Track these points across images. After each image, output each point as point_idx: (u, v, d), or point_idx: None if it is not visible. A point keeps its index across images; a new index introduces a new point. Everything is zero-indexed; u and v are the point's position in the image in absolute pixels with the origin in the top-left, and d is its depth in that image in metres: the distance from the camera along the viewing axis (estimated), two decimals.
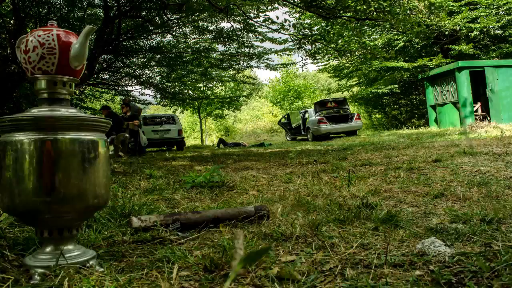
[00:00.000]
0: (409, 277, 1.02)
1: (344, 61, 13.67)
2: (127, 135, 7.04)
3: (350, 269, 1.09)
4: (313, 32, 7.91)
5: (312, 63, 13.27)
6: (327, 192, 2.43)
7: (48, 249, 1.10)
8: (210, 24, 10.64)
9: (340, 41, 7.90)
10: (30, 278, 1.03)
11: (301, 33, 7.97)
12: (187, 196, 2.47)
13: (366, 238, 1.36)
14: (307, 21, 11.14)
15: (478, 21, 11.52)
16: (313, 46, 8.37)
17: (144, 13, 10.14)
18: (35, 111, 1.10)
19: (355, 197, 2.30)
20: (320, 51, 8.87)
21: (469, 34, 11.44)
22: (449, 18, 10.24)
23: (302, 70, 15.03)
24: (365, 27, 7.25)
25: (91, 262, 1.10)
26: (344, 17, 6.43)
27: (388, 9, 5.71)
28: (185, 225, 1.61)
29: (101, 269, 1.08)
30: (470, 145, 5.07)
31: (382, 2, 5.85)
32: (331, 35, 7.76)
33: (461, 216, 1.70)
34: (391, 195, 2.38)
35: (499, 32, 12.28)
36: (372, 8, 6.00)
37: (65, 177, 1.05)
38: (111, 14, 9.56)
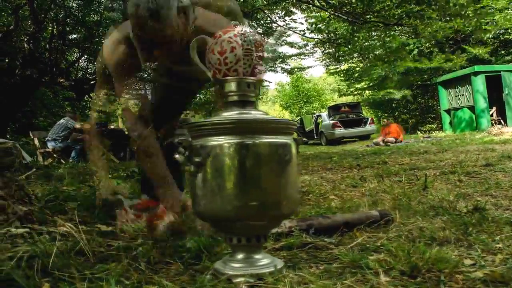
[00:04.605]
0: None
1: (355, 65, 13.68)
2: None
3: None
4: (337, 36, 7.94)
5: (335, 67, 13.24)
6: (413, 196, 2.41)
7: (239, 257, 1.07)
8: None
9: (365, 44, 7.93)
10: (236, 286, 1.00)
11: (326, 37, 8.00)
12: None
13: None
14: (320, 25, 11.19)
15: (490, 24, 11.62)
16: (337, 49, 8.38)
17: None
18: (228, 114, 1.07)
19: (445, 200, 2.28)
20: (345, 55, 8.90)
21: (482, 38, 11.53)
22: (463, 21, 10.32)
23: (326, 73, 15.09)
24: (393, 32, 7.31)
25: (285, 271, 1.07)
26: (373, 22, 6.44)
27: (422, 13, 5.73)
28: (318, 230, 1.58)
29: (297, 277, 1.05)
30: None
31: (413, 8, 5.87)
32: (356, 39, 7.79)
33: None
34: (480, 199, 2.36)
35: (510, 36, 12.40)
36: (403, 14, 6.02)
37: (267, 182, 1.02)
38: None
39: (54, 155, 6.75)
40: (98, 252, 1.21)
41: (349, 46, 8.06)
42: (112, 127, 8.50)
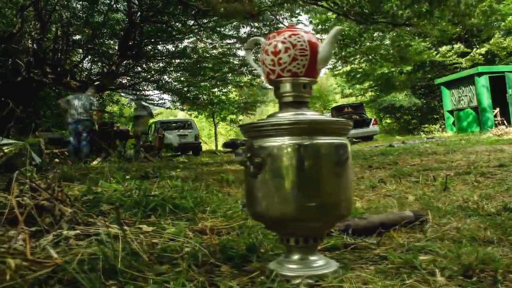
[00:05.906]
0: None
1: (357, 66, 13.70)
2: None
3: None
4: (343, 37, 7.94)
5: (337, 68, 13.31)
6: (436, 196, 2.42)
7: (295, 258, 1.07)
8: (229, 29, 10.63)
9: (371, 44, 7.95)
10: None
11: None
12: None
13: None
14: (323, 26, 11.18)
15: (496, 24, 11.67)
16: (343, 49, 8.39)
17: (166, 18, 10.13)
18: (284, 115, 1.08)
19: (470, 201, 2.29)
20: (350, 55, 8.92)
21: (486, 37, 11.57)
22: (471, 20, 10.35)
23: (328, 74, 15.12)
24: (398, 31, 7.32)
25: (341, 271, 1.07)
26: (381, 23, 6.45)
27: (431, 13, 5.74)
28: (355, 230, 1.58)
29: (355, 277, 1.05)
30: None
31: (422, 6, 5.88)
32: (362, 39, 7.80)
33: None
34: (506, 199, 2.36)
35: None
36: (411, 14, 6.03)
37: (327, 183, 1.02)
38: (135, 18, 9.54)
39: (61, 156, 6.74)
40: (146, 252, 1.21)
41: (353, 45, 8.06)
42: (119, 127, 8.47)
